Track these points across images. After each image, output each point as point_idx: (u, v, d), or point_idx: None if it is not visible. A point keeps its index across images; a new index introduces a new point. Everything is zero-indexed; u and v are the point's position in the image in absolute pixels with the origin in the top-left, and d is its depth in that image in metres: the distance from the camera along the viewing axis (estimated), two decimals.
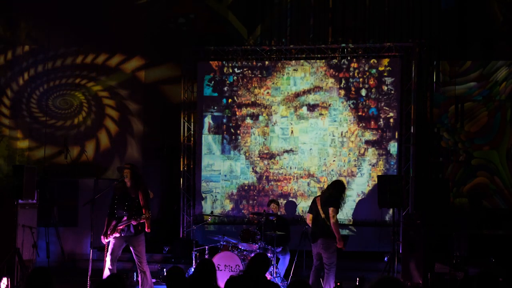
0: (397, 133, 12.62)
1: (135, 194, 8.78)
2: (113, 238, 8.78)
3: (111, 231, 8.78)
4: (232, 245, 9.99)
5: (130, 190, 8.82)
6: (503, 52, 12.93)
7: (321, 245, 9.01)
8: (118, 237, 8.78)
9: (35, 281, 4.91)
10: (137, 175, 8.88)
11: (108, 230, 8.83)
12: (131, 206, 8.75)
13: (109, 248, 8.81)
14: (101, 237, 8.86)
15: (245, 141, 13.10)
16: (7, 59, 13.75)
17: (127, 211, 8.75)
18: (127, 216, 8.72)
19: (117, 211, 8.82)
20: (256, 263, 5.92)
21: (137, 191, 8.77)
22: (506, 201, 12.66)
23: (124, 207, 8.78)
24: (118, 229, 8.72)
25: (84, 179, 13.00)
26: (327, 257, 8.99)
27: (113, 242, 8.79)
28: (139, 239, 8.84)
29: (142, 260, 8.86)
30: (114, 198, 8.91)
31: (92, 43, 14.06)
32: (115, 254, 8.81)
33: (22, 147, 13.76)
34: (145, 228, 8.80)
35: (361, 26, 13.29)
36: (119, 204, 8.83)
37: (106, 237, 8.82)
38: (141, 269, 8.87)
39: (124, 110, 14.07)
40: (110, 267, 8.75)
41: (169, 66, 14.10)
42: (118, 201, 8.84)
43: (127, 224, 8.70)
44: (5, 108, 13.73)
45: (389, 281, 3.84)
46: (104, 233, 8.84)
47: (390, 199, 10.07)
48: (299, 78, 12.98)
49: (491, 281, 4.94)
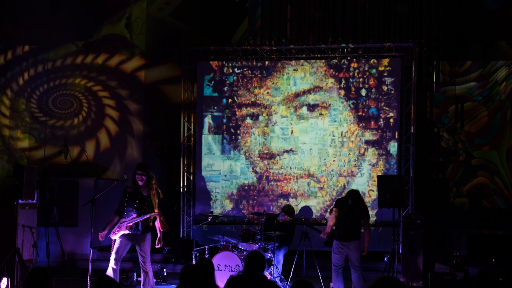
0: (397, 133, 12.61)
1: (147, 193, 8.81)
2: (120, 236, 8.76)
3: (117, 228, 8.78)
4: (232, 245, 9.99)
5: (143, 189, 8.84)
6: (503, 52, 12.93)
7: (355, 247, 9.22)
8: (125, 236, 8.76)
9: (34, 281, 4.92)
10: (150, 175, 8.91)
11: (108, 226, 8.81)
12: (141, 204, 8.77)
13: (114, 247, 8.80)
14: (99, 233, 8.78)
15: (245, 141, 13.10)
16: (7, 59, 13.75)
17: (137, 208, 8.76)
18: (136, 214, 8.73)
19: (126, 208, 8.83)
20: (252, 261, 5.91)
21: (149, 190, 8.81)
22: (506, 201, 12.66)
23: (134, 204, 8.79)
24: (127, 226, 8.71)
25: (84, 179, 13.00)
26: (358, 259, 9.24)
27: (119, 241, 8.77)
28: (146, 238, 8.83)
29: (146, 260, 8.87)
30: (125, 195, 8.92)
31: (93, 42, 14.08)
32: (119, 253, 8.80)
33: (22, 147, 13.76)
34: (151, 228, 8.83)
35: (361, 26, 13.30)
36: (129, 201, 8.84)
37: (114, 233, 8.78)
38: (144, 268, 8.87)
39: (124, 110, 14.07)
40: (114, 267, 8.75)
41: (169, 66, 14.11)
42: (128, 199, 8.85)
43: (136, 222, 8.71)
44: (5, 108, 13.73)
45: (388, 281, 3.84)
46: (102, 229, 8.79)
47: (390, 199, 10.06)
48: (299, 78, 12.98)
49: (491, 281, 4.94)
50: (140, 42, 14.11)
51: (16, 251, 9.74)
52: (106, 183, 12.50)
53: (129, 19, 14.12)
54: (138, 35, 14.14)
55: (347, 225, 9.26)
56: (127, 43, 14.12)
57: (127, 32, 14.13)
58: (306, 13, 13.52)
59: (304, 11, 13.54)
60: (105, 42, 14.06)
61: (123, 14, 14.17)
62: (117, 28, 14.13)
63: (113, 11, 14.17)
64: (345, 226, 9.27)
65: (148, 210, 8.72)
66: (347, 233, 9.22)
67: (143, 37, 14.17)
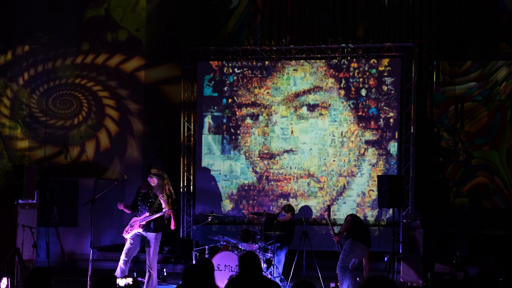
0: (397, 133, 12.61)
1: (159, 194, 9.02)
2: (132, 237, 8.95)
3: (129, 226, 9.00)
4: (232, 245, 9.99)
5: (155, 190, 9.05)
6: (503, 52, 12.93)
7: (367, 253, 9.50)
8: (137, 236, 8.96)
9: (33, 281, 4.93)
10: (162, 177, 9.10)
11: (128, 225, 9.07)
12: (153, 204, 9.00)
13: (125, 247, 8.99)
14: (123, 232, 9.09)
15: (245, 141, 13.09)
16: (7, 59, 13.74)
17: (149, 208, 8.99)
18: (149, 212, 8.95)
19: (140, 207, 9.07)
20: (245, 262, 5.90)
21: (162, 191, 9.00)
22: (506, 201, 12.65)
23: (147, 203, 9.03)
24: (140, 225, 8.92)
25: (84, 179, 13.00)
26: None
27: (130, 242, 8.96)
28: (156, 237, 9.04)
29: (153, 260, 9.04)
30: (138, 194, 9.17)
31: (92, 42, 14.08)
32: (130, 253, 8.99)
33: (22, 147, 13.75)
34: (162, 227, 9.08)
35: (361, 26, 13.30)
36: (142, 201, 9.08)
37: (127, 231, 9.02)
38: (149, 268, 9.04)
39: (124, 110, 14.07)
40: (122, 267, 8.89)
41: (169, 66, 14.11)
42: (141, 198, 9.10)
43: (148, 221, 8.91)
44: (5, 108, 13.73)
45: (378, 280, 3.83)
46: (125, 227, 9.13)
47: (390, 199, 10.06)
48: (299, 78, 12.98)
49: (491, 281, 4.93)
50: (141, 37, 14.13)
51: (16, 251, 9.73)
52: (106, 183, 12.51)
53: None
54: (139, 33, 14.17)
55: (367, 230, 9.60)
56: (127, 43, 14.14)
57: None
58: (306, 13, 13.51)
59: (304, 11, 13.53)
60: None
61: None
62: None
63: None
64: (366, 230, 9.59)
65: (160, 210, 8.96)
66: (368, 238, 9.49)
67: (143, 37, 14.18)
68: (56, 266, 11.76)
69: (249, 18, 13.86)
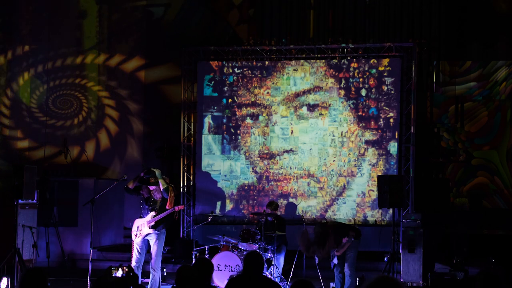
0: (397, 133, 12.61)
1: (160, 195, 9.17)
2: (141, 242, 9.11)
3: (138, 230, 9.13)
4: (232, 245, 9.99)
5: (156, 191, 9.20)
6: (503, 52, 12.93)
7: None
8: (143, 241, 9.11)
9: (28, 282, 4.89)
10: (155, 176, 9.20)
11: (136, 229, 9.20)
12: (156, 205, 9.14)
13: (134, 254, 9.14)
14: (132, 235, 9.24)
15: (245, 141, 13.09)
16: (7, 59, 13.74)
17: (153, 207, 9.14)
18: (156, 212, 9.08)
19: (143, 210, 9.26)
20: (251, 261, 5.91)
21: (167, 191, 9.13)
22: (506, 201, 12.66)
23: (150, 204, 9.19)
24: (150, 225, 9.05)
25: (84, 179, 13.01)
26: None
27: (138, 251, 9.10)
28: (161, 236, 9.15)
29: (157, 259, 9.12)
30: (143, 199, 9.33)
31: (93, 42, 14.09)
32: (140, 260, 9.11)
33: (22, 147, 13.75)
34: (169, 224, 9.28)
35: (361, 26, 13.30)
36: (146, 204, 9.24)
37: (137, 235, 9.15)
38: (154, 267, 9.10)
39: (124, 110, 14.06)
40: (136, 264, 9.03)
41: (169, 66, 14.10)
42: (145, 201, 9.27)
43: (156, 221, 9.04)
44: (5, 108, 13.73)
45: (386, 280, 3.83)
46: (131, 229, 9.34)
47: (390, 199, 10.07)
48: (299, 78, 12.98)
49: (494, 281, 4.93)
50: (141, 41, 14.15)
51: (16, 251, 9.73)
52: (106, 183, 12.50)
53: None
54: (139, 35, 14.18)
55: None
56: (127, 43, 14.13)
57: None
58: (307, 13, 13.51)
59: (304, 11, 13.53)
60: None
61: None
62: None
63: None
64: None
65: (164, 207, 9.12)
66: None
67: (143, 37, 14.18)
68: (56, 266, 11.77)
69: (249, 18, 13.86)
